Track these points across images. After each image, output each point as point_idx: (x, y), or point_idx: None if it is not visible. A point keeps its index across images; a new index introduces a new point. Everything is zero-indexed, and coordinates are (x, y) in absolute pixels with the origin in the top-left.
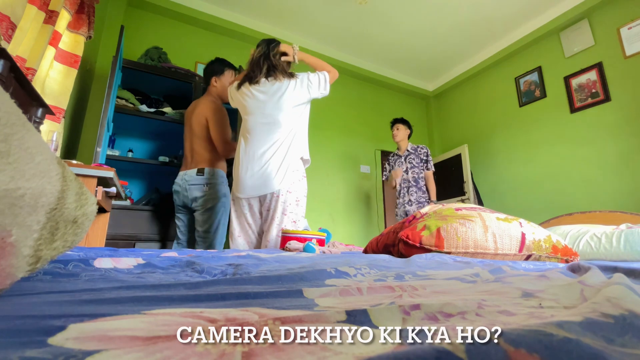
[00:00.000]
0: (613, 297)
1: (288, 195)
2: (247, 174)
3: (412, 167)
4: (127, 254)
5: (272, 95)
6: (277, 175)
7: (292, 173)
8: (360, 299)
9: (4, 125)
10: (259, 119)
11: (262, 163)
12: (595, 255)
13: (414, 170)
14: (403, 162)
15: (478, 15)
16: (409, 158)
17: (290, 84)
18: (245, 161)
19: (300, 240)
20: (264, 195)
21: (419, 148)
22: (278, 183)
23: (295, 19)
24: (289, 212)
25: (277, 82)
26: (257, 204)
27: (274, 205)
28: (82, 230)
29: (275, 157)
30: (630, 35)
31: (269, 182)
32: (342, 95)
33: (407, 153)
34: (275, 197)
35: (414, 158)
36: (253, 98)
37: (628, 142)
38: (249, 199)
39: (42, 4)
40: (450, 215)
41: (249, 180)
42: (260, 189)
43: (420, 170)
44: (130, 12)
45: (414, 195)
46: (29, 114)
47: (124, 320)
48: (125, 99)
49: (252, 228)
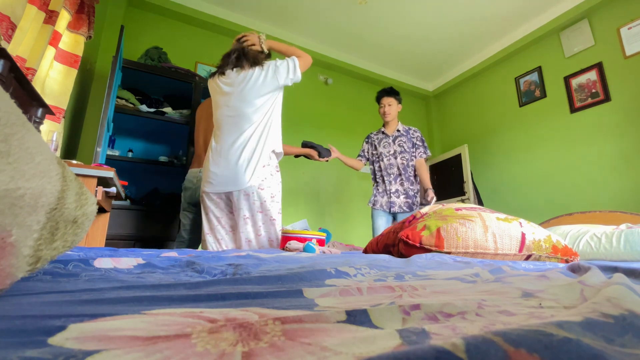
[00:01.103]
0: (613, 297)
1: (261, 192)
2: (216, 170)
3: (402, 151)
4: (127, 254)
5: (237, 86)
6: (247, 170)
7: (262, 168)
8: (360, 299)
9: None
10: (226, 112)
11: (230, 158)
12: (595, 255)
13: (403, 155)
14: (391, 143)
15: (478, 15)
16: (399, 140)
17: (255, 73)
18: (214, 156)
19: (300, 240)
20: (231, 191)
21: (411, 130)
22: (248, 179)
23: (295, 19)
24: (266, 210)
25: (243, 72)
26: (226, 200)
27: (245, 204)
28: (82, 230)
29: (245, 152)
30: (630, 35)
31: (239, 178)
32: (342, 96)
33: (397, 134)
34: (245, 195)
35: (405, 141)
36: (220, 91)
37: (628, 142)
38: (218, 194)
39: (42, 4)
40: (450, 215)
41: (217, 176)
42: (229, 185)
43: (410, 156)
44: (130, 12)
45: (404, 185)
46: (29, 114)
47: (124, 320)
48: (125, 99)
49: (223, 224)
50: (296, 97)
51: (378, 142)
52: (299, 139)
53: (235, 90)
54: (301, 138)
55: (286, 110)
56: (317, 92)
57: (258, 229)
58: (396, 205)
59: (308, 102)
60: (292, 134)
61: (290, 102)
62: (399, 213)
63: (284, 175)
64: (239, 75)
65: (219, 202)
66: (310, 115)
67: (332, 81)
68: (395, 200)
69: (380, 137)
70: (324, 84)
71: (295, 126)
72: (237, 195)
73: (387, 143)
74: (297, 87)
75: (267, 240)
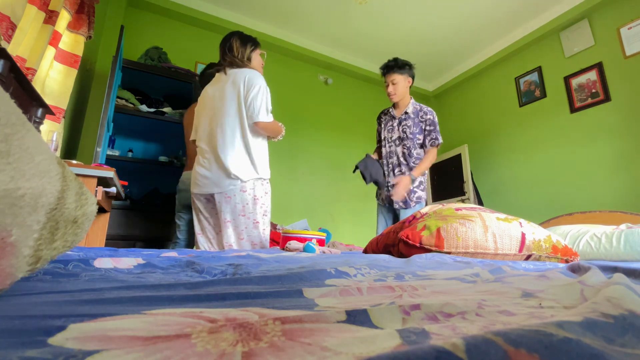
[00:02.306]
0: (613, 297)
1: (243, 194)
2: (201, 170)
3: (405, 138)
4: (127, 254)
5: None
6: (231, 171)
7: (246, 169)
8: (360, 299)
9: (4, 125)
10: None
11: (214, 159)
12: (595, 255)
13: (406, 143)
14: (395, 128)
15: (478, 15)
16: (404, 124)
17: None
18: (199, 157)
19: (300, 240)
20: (212, 193)
21: (422, 112)
22: (229, 182)
23: (295, 19)
24: (249, 212)
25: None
26: (211, 201)
27: (226, 206)
28: (82, 230)
29: (229, 153)
30: (630, 35)
31: (221, 180)
32: (342, 95)
33: (404, 117)
34: (227, 197)
35: (410, 126)
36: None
37: (628, 142)
38: (204, 195)
39: (42, 4)
40: (450, 215)
41: (202, 177)
42: (212, 186)
43: (415, 144)
44: (130, 12)
45: None
46: (29, 114)
47: (124, 320)
48: (125, 99)
49: (213, 225)
50: (296, 97)
51: (384, 125)
52: (299, 138)
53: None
54: (301, 138)
55: (286, 110)
56: (317, 92)
57: (240, 232)
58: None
59: (308, 102)
60: (292, 134)
61: (290, 102)
62: (400, 209)
63: (283, 175)
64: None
65: (206, 203)
66: (310, 115)
67: (332, 81)
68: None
69: (387, 118)
70: (324, 84)
71: (295, 126)
72: (218, 198)
73: (392, 127)
74: (297, 87)
75: (250, 245)
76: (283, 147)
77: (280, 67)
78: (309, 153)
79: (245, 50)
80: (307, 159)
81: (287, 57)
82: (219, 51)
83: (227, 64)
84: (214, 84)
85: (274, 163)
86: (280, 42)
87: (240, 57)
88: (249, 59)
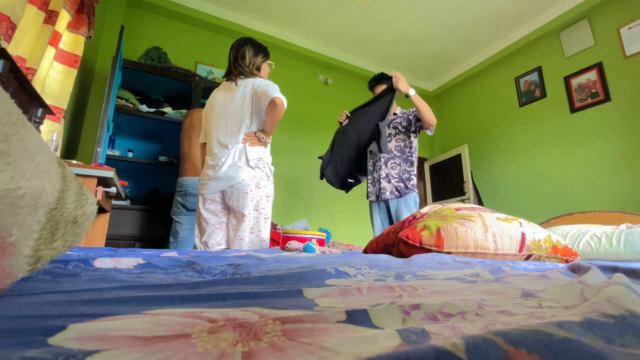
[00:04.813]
0: (613, 297)
1: (257, 190)
2: (210, 172)
3: (397, 133)
4: (127, 254)
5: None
6: (242, 169)
7: (257, 168)
8: (360, 299)
9: (4, 125)
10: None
11: (225, 159)
12: (595, 255)
13: (399, 137)
14: (387, 128)
15: (478, 15)
16: (394, 123)
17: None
18: (209, 159)
19: (300, 240)
20: (224, 190)
21: (408, 111)
22: (243, 179)
23: (295, 19)
24: (261, 208)
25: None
26: (219, 201)
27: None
28: (82, 230)
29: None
30: (630, 35)
31: (233, 177)
32: (342, 96)
33: (394, 118)
34: (243, 193)
35: (400, 122)
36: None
37: (628, 142)
38: (215, 194)
39: (42, 4)
40: (450, 215)
41: (212, 178)
42: (223, 185)
43: (406, 137)
44: (130, 12)
45: (396, 169)
46: (29, 114)
47: (124, 320)
48: (125, 99)
49: (217, 225)
50: (296, 97)
51: None
52: (298, 138)
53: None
54: (301, 138)
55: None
56: (317, 92)
57: (252, 227)
58: (387, 192)
59: (308, 102)
60: (292, 134)
61: (290, 102)
62: (390, 200)
63: (283, 175)
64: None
65: (212, 203)
66: (310, 115)
67: (332, 81)
68: (385, 186)
69: None
70: (324, 84)
71: (295, 126)
72: (230, 194)
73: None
74: (297, 87)
75: (259, 240)
76: (283, 147)
77: (280, 67)
78: (309, 153)
79: (257, 60)
80: (307, 159)
81: (287, 57)
82: (229, 55)
83: (237, 73)
84: (224, 91)
85: (274, 163)
86: (280, 42)
87: (251, 67)
88: (258, 69)
